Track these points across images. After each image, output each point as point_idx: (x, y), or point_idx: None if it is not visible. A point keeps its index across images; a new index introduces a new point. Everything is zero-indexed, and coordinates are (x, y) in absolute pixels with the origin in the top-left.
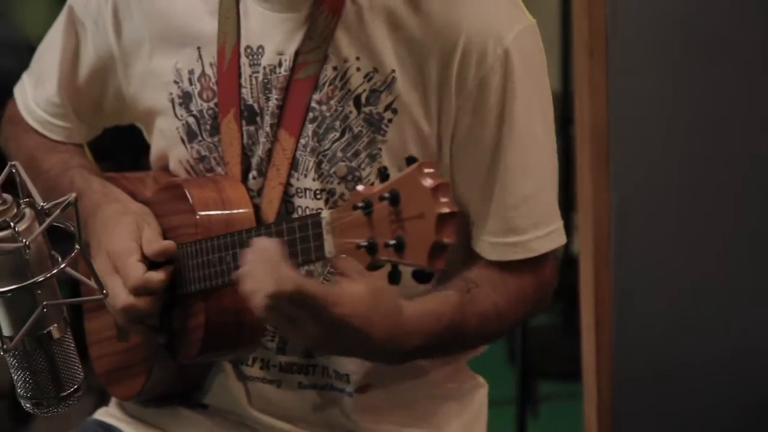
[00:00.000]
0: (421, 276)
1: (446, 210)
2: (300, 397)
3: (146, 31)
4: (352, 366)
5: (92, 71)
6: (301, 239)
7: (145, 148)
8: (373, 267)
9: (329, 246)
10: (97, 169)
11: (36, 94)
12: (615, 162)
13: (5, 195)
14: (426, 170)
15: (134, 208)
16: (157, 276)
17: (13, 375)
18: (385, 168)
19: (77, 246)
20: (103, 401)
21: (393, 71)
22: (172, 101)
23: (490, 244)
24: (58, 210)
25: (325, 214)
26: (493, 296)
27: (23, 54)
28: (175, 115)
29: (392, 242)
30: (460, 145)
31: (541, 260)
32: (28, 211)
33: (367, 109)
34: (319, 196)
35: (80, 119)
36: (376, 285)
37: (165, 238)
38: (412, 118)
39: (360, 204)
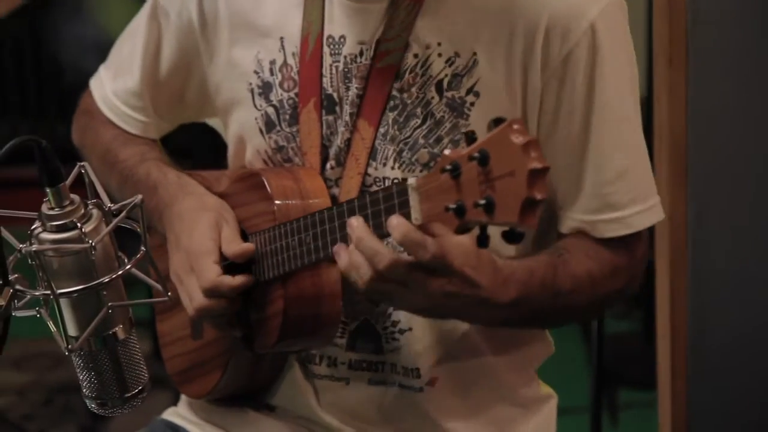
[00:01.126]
0: (511, 236)
1: (538, 165)
2: (369, 395)
3: (228, 22)
4: (421, 360)
5: (175, 63)
6: (386, 209)
7: (224, 149)
8: (462, 230)
9: (416, 212)
10: (174, 164)
11: (115, 85)
12: (693, 171)
13: (73, 195)
14: (516, 127)
15: (211, 202)
16: (232, 280)
17: (78, 375)
18: (473, 132)
19: (143, 248)
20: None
21: (474, 54)
22: (252, 91)
23: (587, 223)
24: (124, 212)
25: (412, 180)
26: (587, 263)
27: (107, 55)
28: (254, 105)
29: (482, 202)
30: (548, 125)
31: (635, 238)
32: (95, 211)
33: (449, 94)
34: None
35: (157, 113)
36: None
37: (242, 228)
38: (496, 99)
39: (448, 167)
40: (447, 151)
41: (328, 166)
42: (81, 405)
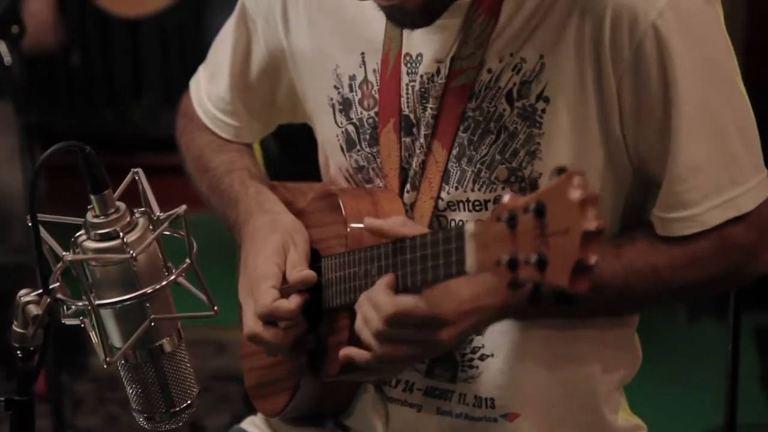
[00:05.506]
0: (563, 298)
1: (593, 226)
2: (436, 424)
3: (311, 31)
4: (498, 390)
5: (264, 67)
6: (444, 252)
7: None
8: (515, 285)
9: (471, 260)
10: (261, 173)
11: (209, 88)
12: None
13: (119, 203)
14: (576, 181)
15: (285, 222)
16: (287, 305)
17: (126, 387)
18: (562, 168)
19: (188, 259)
20: None
21: (541, 57)
22: (333, 107)
23: (659, 219)
24: (166, 223)
25: (469, 226)
26: (650, 254)
27: None
28: (335, 122)
29: (534, 258)
30: (633, 122)
31: (722, 227)
32: (141, 220)
33: (519, 104)
34: (478, 207)
35: (252, 116)
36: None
37: (314, 249)
38: (567, 102)
39: (505, 216)
40: (506, 198)
41: (405, 189)
42: (236, 394)
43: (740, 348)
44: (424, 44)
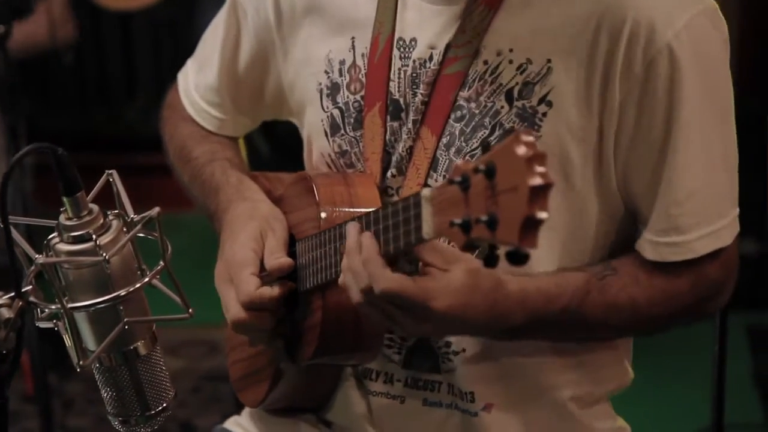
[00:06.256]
0: (516, 257)
1: (539, 181)
2: (424, 416)
3: (303, 19)
4: (476, 383)
5: (253, 59)
6: (403, 221)
7: None
8: (469, 247)
9: (427, 226)
10: (243, 163)
11: (197, 79)
12: None
13: (92, 205)
14: (523, 139)
15: (263, 209)
16: (270, 292)
17: (101, 391)
18: (489, 142)
19: (162, 261)
20: None
21: (549, 60)
22: (321, 92)
23: (650, 243)
24: (139, 225)
25: (426, 191)
26: (632, 289)
27: None
28: (322, 106)
29: (484, 218)
30: (630, 139)
31: (703, 259)
32: (115, 222)
33: (519, 103)
34: None
35: (238, 109)
36: (471, 266)
37: (291, 234)
38: (570, 110)
39: (457, 179)
40: (458, 162)
41: (389, 173)
42: (228, 394)
43: (727, 347)
44: (419, 29)
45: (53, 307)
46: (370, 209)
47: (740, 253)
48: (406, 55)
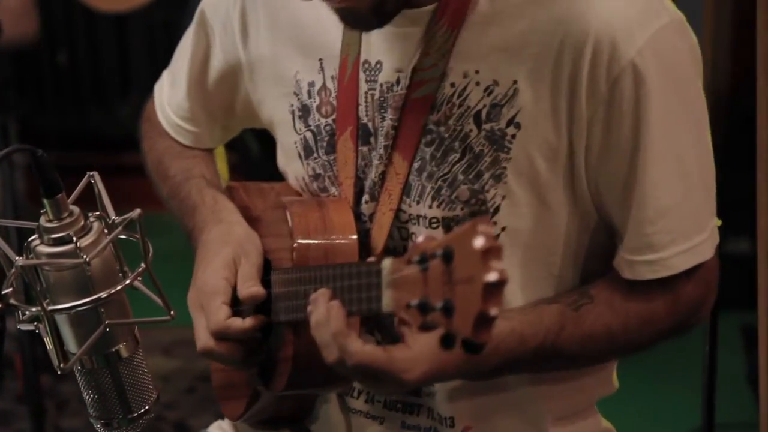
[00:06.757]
0: (470, 347)
1: (495, 278)
2: None
3: (270, 38)
4: (456, 408)
5: (222, 75)
6: (365, 286)
7: None
8: (426, 328)
9: (387, 299)
10: (218, 178)
11: (170, 94)
12: None
13: (73, 207)
14: (480, 228)
15: (237, 233)
16: (240, 324)
17: (83, 393)
18: (475, 212)
19: (143, 264)
20: None
21: (515, 82)
22: (293, 113)
23: (626, 262)
24: (120, 227)
25: (386, 263)
26: (607, 317)
27: None
28: (295, 128)
29: (440, 305)
30: (598, 157)
31: (678, 278)
32: (96, 224)
33: (488, 126)
34: (435, 225)
35: (213, 121)
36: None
37: (266, 260)
38: (539, 131)
39: (416, 258)
40: (420, 239)
41: (362, 199)
42: None
43: (719, 347)
44: (383, 52)
45: (34, 309)
46: (334, 264)
47: (733, 253)
48: (373, 78)
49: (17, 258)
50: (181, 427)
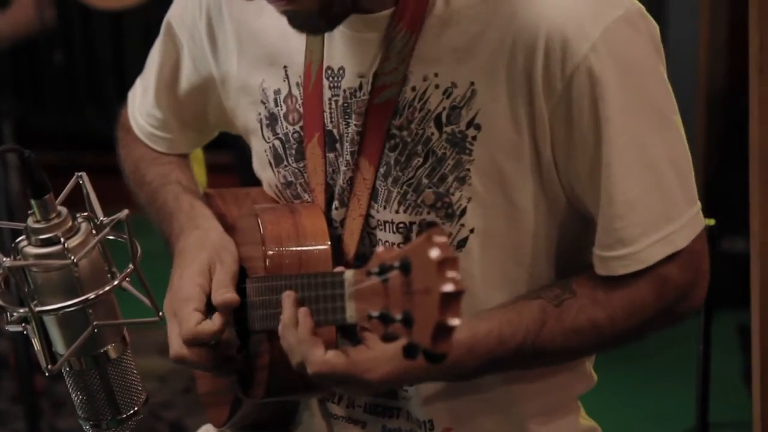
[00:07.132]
0: (431, 357)
1: (451, 288)
2: None
3: (236, 47)
4: (434, 411)
5: (193, 84)
6: (330, 297)
7: None
8: (388, 339)
9: (350, 310)
10: (194, 184)
11: (142, 102)
12: None
13: (61, 208)
14: (435, 239)
15: (213, 239)
16: (209, 327)
17: (71, 394)
18: (430, 223)
19: (131, 265)
20: None
21: (472, 83)
22: (261, 122)
23: (599, 258)
24: (107, 228)
25: (348, 275)
26: (591, 311)
27: None
28: (263, 137)
29: (400, 317)
30: (564, 155)
31: (659, 267)
32: (84, 225)
33: (448, 129)
34: (402, 230)
35: (186, 126)
36: None
37: (242, 267)
38: (499, 131)
39: (375, 270)
40: (379, 249)
41: (333, 206)
42: None
43: (713, 346)
44: (345, 57)
45: (21, 310)
46: (300, 275)
47: (728, 251)
48: (336, 84)
49: (5, 259)
50: (176, 427)
